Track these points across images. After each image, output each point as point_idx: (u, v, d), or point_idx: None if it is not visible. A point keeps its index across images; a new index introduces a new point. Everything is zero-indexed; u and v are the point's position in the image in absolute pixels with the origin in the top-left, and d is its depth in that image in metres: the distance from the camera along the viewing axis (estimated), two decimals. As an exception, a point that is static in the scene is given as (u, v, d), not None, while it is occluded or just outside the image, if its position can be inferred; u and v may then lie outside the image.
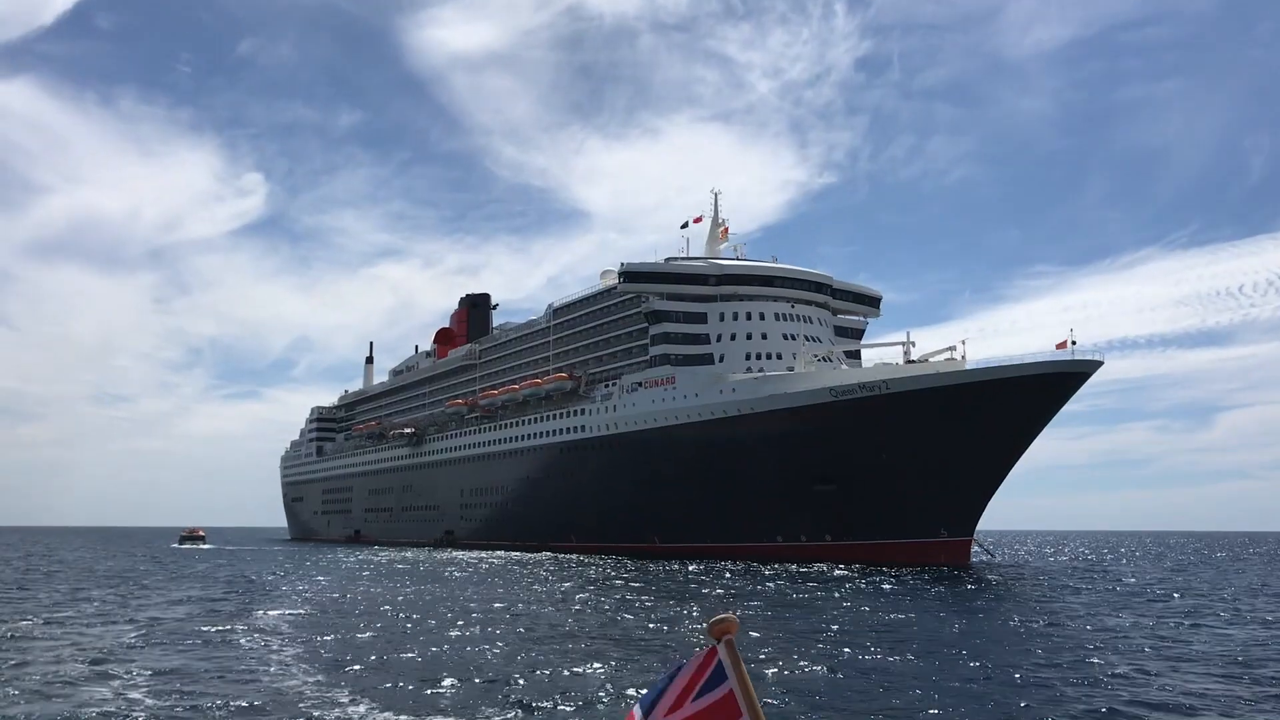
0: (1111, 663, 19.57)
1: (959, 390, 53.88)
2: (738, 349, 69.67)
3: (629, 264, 73.90)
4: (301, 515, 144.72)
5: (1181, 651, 21.55)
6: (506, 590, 38.58)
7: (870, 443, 56.54)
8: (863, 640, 22.53)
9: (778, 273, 73.49)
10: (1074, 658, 20.32)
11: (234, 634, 24.53)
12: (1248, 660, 20.36)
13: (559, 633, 24.40)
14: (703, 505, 65.27)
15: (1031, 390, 52.31)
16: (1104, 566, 63.93)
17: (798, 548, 61.33)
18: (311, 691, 16.48)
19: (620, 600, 33.36)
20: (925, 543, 57.22)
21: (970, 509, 57.41)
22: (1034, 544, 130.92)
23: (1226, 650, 21.83)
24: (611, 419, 73.52)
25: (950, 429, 53.80)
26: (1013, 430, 54.45)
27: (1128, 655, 20.85)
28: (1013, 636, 23.70)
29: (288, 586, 42.15)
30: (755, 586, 39.91)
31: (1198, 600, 36.00)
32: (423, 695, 16.09)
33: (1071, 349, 52.45)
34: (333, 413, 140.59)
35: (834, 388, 58.60)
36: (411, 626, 26.07)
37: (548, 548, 77.98)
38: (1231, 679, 18.02)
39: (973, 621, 26.94)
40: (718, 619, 3.14)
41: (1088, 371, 53.13)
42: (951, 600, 33.65)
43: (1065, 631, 25.24)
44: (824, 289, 75.16)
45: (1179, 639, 23.83)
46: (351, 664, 19.51)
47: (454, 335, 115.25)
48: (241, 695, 16.02)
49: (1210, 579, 50.72)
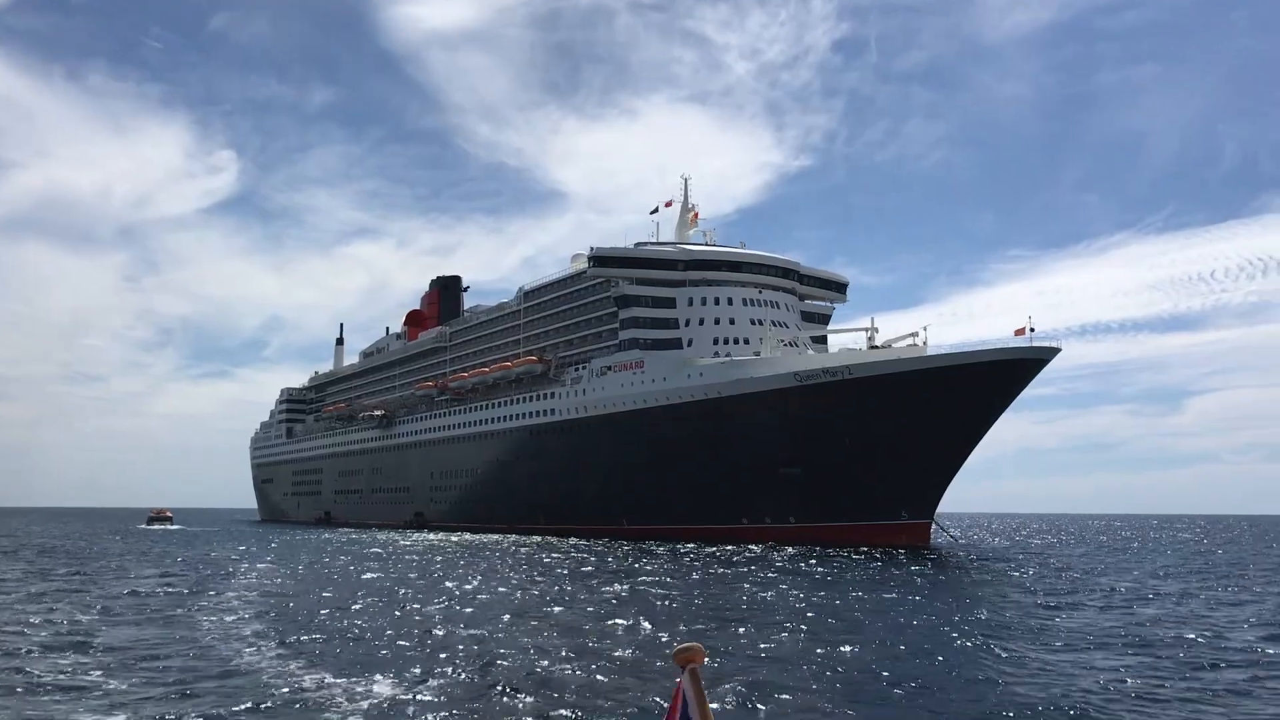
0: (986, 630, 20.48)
1: (920, 376, 54.86)
2: (706, 333, 70.38)
3: (598, 248, 74.34)
4: (271, 497, 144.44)
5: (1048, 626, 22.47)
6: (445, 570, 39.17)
7: (834, 427, 57.52)
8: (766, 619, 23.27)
9: (745, 258, 74.18)
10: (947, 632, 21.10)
11: (191, 611, 24.94)
12: (1098, 636, 21.12)
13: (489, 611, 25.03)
14: (670, 488, 66.08)
15: (990, 376, 53.38)
16: (1050, 549, 65.36)
17: (763, 529, 62.28)
18: (269, 664, 16.99)
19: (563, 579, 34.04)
20: (887, 525, 58.33)
21: (930, 492, 58.58)
22: (1003, 527, 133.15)
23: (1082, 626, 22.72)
24: (581, 402, 74.10)
25: (911, 414, 54.79)
26: (972, 415, 55.57)
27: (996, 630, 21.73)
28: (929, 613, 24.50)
29: (248, 565, 42.52)
30: (709, 567, 40.75)
31: (1102, 580, 37.15)
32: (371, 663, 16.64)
33: (1030, 335, 53.57)
34: (303, 394, 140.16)
35: (799, 373, 59.46)
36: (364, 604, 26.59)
37: (517, 530, 78.59)
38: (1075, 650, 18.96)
39: (884, 601, 27.79)
40: (681, 648, 3.10)
41: (1045, 358, 54.27)
42: (881, 581, 34.56)
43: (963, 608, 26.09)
44: (791, 274, 75.95)
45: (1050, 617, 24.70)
46: (299, 635, 20.05)
47: (425, 317, 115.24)
48: (200, 669, 16.49)
49: (1140, 560, 52.08)
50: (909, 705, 14.40)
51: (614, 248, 74.53)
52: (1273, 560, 53.54)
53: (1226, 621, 24.24)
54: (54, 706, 13.84)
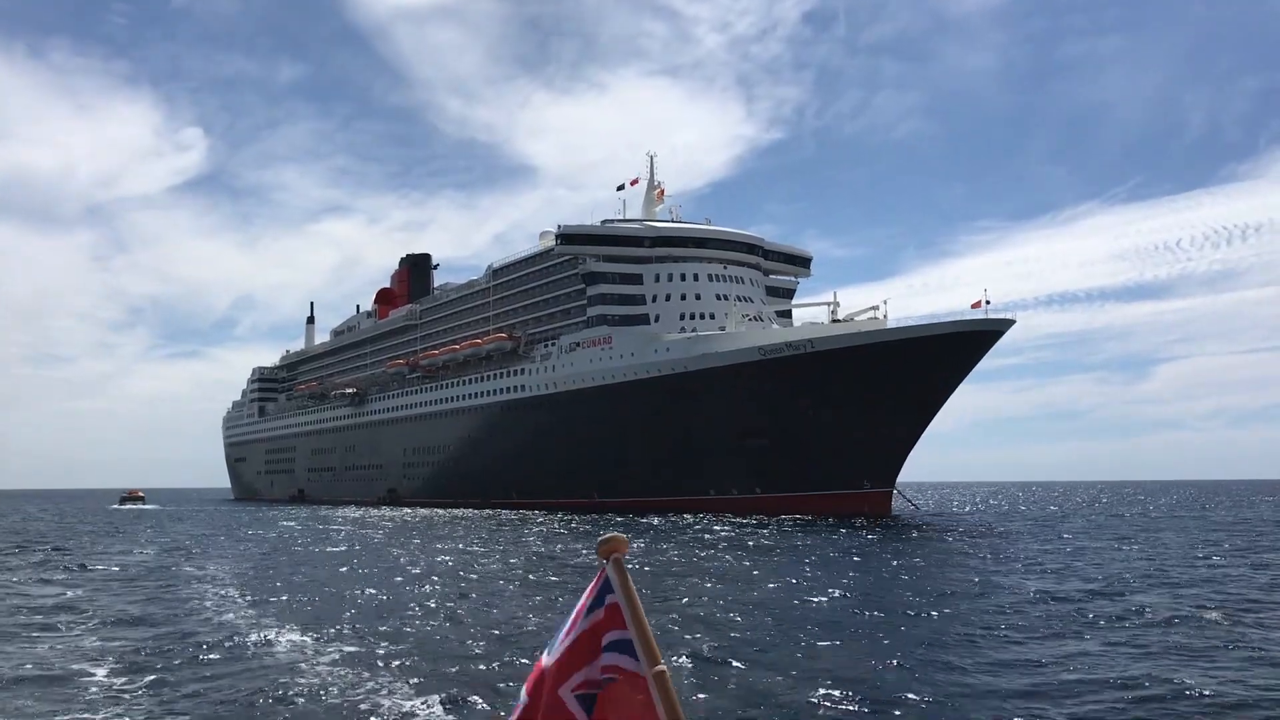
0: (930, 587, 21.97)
1: (879, 349, 56.34)
2: (672, 309, 71.54)
3: (565, 226, 75.15)
4: (244, 476, 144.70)
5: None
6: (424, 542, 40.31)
7: (797, 399, 59.00)
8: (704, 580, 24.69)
9: (711, 235, 75.27)
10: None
11: (172, 583, 25.96)
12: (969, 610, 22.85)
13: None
14: (639, 461, 67.46)
15: (947, 348, 54.96)
16: (1002, 515, 67.48)
17: (730, 500, 63.88)
18: (245, 622, 18.09)
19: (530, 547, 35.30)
20: (849, 494, 60.02)
21: (891, 461, 60.27)
22: (971, 496, 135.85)
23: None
24: (550, 378, 75.18)
25: (872, 385, 56.35)
26: (930, 386, 57.17)
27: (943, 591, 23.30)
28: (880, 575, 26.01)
29: (227, 540, 43.46)
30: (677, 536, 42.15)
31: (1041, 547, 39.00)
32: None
33: (985, 308, 55.13)
34: (274, 373, 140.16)
35: (763, 347, 60.84)
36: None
37: (490, 505, 79.79)
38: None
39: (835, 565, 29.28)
40: (604, 538, 3.14)
41: (1000, 329, 55.90)
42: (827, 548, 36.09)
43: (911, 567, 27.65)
44: (756, 250, 77.15)
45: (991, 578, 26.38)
46: (272, 599, 21.16)
47: (395, 295, 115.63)
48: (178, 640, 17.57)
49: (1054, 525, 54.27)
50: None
51: (581, 225, 75.38)
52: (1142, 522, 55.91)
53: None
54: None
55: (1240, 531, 46.82)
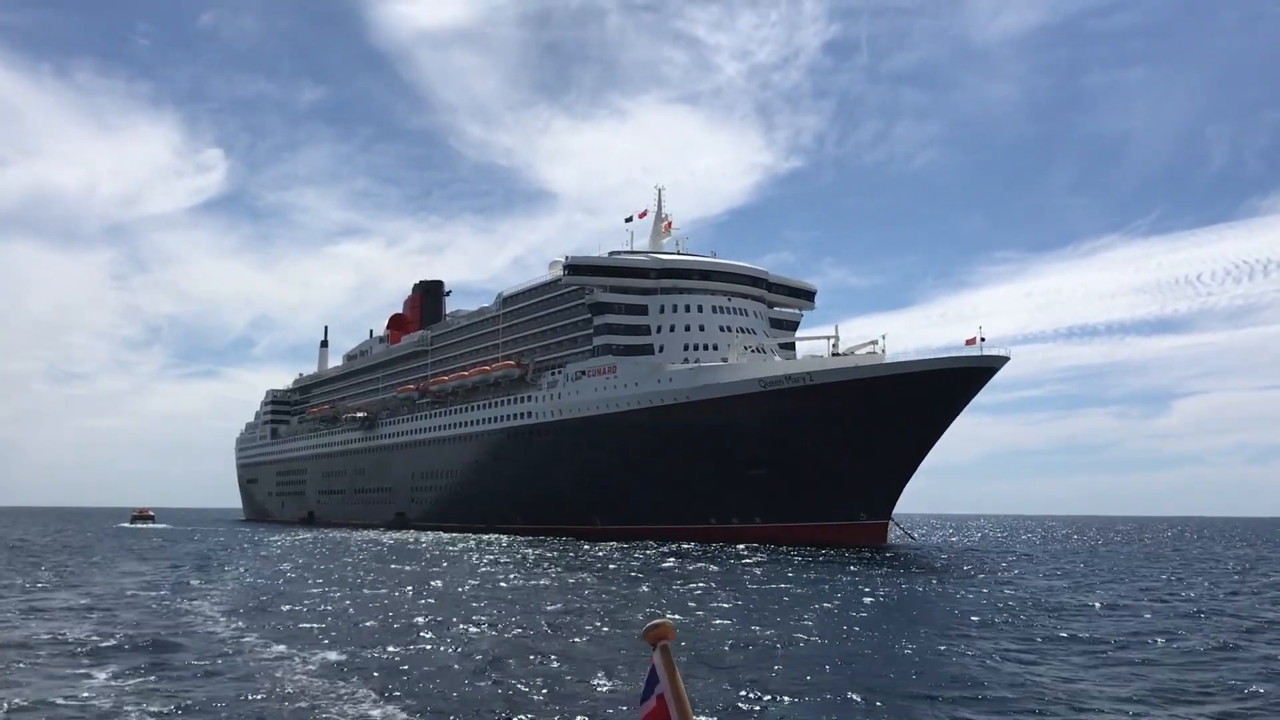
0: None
1: (876, 382, 57.53)
2: (676, 340, 72.91)
3: (572, 257, 76.80)
4: (256, 496, 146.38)
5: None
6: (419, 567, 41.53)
7: (796, 430, 60.15)
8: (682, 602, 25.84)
9: (715, 267, 76.76)
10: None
11: (176, 602, 27.26)
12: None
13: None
14: (642, 489, 68.62)
15: (941, 383, 56.13)
16: (1004, 547, 68.14)
17: (730, 529, 64.91)
18: (231, 634, 19.38)
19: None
20: (846, 525, 61.04)
21: (888, 493, 61.33)
22: (982, 528, 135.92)
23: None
24: (557, 406, 76.55)
25: (869, 418, 57.50)
26: (926, 420, 58.30)
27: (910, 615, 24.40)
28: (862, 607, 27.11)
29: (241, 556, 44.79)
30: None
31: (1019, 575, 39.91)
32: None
33: (980, 345, 56.30)
34: (287, 395, 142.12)
35: (763, 379, 62.10)
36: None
37: (495, 529, 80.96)
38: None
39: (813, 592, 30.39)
40: (651, 625, 3.10)
41: (995, 366, 57.02)
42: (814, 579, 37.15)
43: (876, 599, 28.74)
44: (760, 283, 78.56)
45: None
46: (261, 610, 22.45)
47: (407, 321, 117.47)
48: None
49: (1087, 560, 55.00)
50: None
51: (588, 256, 77.06)
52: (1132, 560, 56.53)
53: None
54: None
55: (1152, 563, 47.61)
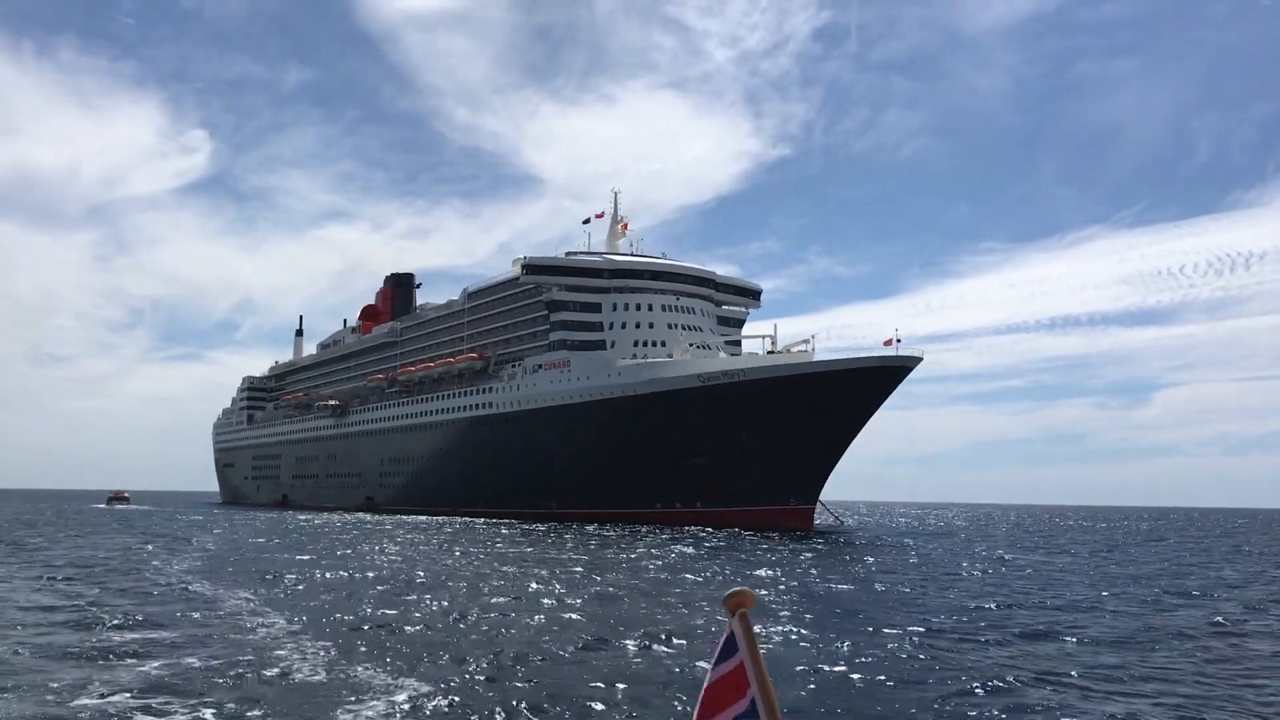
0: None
1: (804, 379, 62.74)
2: (627, 337, 77.80)
3: (530, 258, 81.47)
4: (232, 480, 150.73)
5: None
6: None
7: (732, 422, 65.34)
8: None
9: (665, 268, 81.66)
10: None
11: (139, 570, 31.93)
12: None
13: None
14: (593, 476, 73.65)
15: (861, 381, 61.42)
16: (934, 530, 73.55)
17: (673, 513, 70.08)
18: (205, 592, 24.12)
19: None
20: (777, 509, 66.41)
21: (814, 480, 66.77)
22: (940, 516, 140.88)
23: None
24: (515, 397, 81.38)
25: (797, 412, 62.76)
26: (848, 413, 63.60)
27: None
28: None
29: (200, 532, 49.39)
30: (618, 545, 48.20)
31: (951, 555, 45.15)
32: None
33: (896, 345, 61.60)
34: (263, 382, 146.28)
35: (702, 375, 67.21)
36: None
37: (458, 513, 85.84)
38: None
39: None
40: (732, 592, 3.18)
41: (908, 365, 62.31)
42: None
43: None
44: (707, 283, 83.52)
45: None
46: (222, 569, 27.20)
47: (379, 312, 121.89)
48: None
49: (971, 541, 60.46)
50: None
51: (545, 257, 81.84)
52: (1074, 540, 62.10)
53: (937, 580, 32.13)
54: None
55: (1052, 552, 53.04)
